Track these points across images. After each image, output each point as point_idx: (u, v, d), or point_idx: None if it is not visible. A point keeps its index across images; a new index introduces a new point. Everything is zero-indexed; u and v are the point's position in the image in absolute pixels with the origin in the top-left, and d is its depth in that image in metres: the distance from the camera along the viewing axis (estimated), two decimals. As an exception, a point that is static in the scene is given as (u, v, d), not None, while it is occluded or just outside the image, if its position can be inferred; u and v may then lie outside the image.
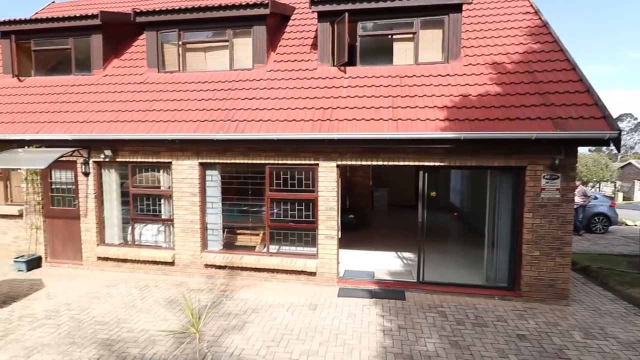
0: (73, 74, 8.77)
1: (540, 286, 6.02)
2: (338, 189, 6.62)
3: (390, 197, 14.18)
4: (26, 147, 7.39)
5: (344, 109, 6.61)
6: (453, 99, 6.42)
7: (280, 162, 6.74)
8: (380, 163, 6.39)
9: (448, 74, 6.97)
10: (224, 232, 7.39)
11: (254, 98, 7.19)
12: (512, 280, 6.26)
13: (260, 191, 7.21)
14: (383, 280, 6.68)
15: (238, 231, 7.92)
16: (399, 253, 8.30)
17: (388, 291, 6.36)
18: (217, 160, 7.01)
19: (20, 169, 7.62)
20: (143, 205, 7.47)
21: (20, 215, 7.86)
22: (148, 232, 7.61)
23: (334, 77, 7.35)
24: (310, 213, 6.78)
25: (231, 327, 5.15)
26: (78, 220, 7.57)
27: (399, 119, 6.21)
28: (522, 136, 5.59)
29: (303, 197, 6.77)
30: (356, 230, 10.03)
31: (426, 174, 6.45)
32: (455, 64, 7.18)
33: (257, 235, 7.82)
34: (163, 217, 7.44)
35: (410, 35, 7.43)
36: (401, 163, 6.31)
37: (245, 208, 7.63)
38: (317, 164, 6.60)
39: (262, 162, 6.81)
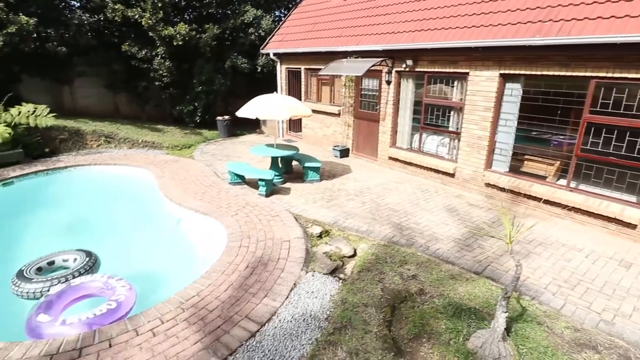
0: (385, -14, 9.46)
1: None
2: None
3: None
4: (348, 57, 8.95)
5: None
6: None
7: (616, 75, 5.11)
8: None
9: None
10: (512, 153, 6.75)
11: (592, -13, 5.48)
12: None
13: (571, 112, 5.92)
14: None
15: (528, 156, 7.07)
16: None
17: None
18: (522, 72, 6.12)
19: (341, 75, 9.43)
20: (432, 116, 7.78)
21: (338, 114, 10.01)
22: (432, 142, 8.00)
23: None
24: (650, 148, 5.02)
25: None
26: (377, 123, 8.86)
27: None
28: None
29: (643, 126, 5.03)
30: None
31: None
32: None
33: (552, 164, 6.72)
34: (450, 129, 7.54)
35: None
36: None
37: (543, 131, 6.57)
38: (687, 80, 4.57)
39: (587, 74, 5.38)
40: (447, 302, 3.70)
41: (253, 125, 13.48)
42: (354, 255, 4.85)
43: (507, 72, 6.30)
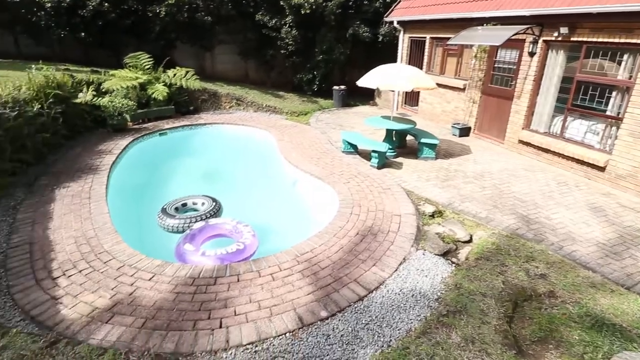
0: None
1: None
2: None
3: None
4: (484, 24, 8.00)
5: None
6: None
7: None
8: None
9: None
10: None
11: None
12: None
13: None
14: None
15: None
16: None
17: None
18: None
19: (474, 45, 8.52)
20: (585, 96, 6.53)
21: (463, 89, 9.18)
22: (580, 127, 6.76)
23: None
24: None
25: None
26: (510, 101, 7.85)
27: None
28: None
29: None
30: None
31: None
32: None
33: None
34: (608, 113, 6.25)
35: None
36: None
37: None
38: None
39: None
40: (584, 312, 3.20)
41: (367, 97, 13.36)
42: (470, 241, 4.51)
43: None
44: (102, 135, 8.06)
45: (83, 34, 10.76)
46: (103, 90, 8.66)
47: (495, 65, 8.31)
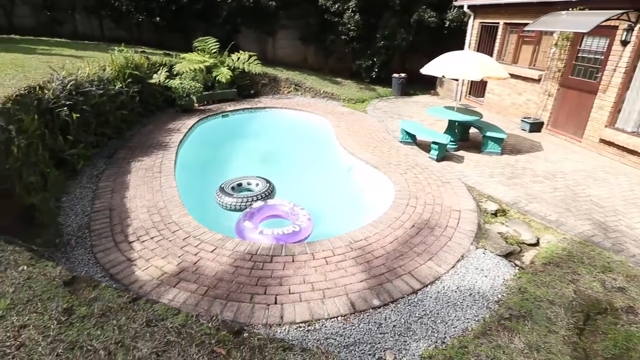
0: None
1: None
2: None
3: None
4: (570, 9, 7.23)
5: None
6: None
7: None
8: None
9: None
10: None
11: None
12: None
13: None
14: None
15: None
16: None
17: None
18: None
19: (555, 31, 7.73)
20: (690, 92, 5.70)
21: (538, 80, 8.43)
22: (679, 127, 5.93)
23: None
24: None
25: None
26: (593, 95, 7.07)
27: None
28: None
29: None
30: None
31: None
32: None
33: None
34: None
35: None
36: None
37: None
38: None
39: None
40: (670, 334, 2.85)
41: (427, 86, 12.83)
42: (536, 244, 4.20)
43: None
44: (171, 115, 8.61)
45: (158, 18, 11.47)
46: (174, 72, 9.21)
47: (579, 55, 7.51)
